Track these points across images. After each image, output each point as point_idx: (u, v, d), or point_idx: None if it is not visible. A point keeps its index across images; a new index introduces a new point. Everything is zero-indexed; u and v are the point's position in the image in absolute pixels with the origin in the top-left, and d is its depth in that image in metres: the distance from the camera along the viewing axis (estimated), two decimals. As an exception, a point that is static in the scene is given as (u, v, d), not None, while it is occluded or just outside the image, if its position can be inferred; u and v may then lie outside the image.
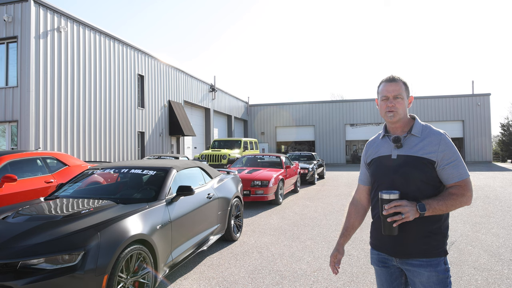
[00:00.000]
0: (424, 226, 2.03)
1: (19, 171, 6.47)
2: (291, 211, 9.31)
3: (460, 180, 2.01)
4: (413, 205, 1.94)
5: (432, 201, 1.97)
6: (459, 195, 1.99)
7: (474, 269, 4.86)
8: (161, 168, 5.16)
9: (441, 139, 2.07)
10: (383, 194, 1.99)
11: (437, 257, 2.04)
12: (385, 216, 1.97)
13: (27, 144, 13.19)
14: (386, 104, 2.15)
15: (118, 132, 18.08)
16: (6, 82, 14.07)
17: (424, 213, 1.95)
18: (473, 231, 6.93)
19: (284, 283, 4.44)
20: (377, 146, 2.30)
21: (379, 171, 2.22)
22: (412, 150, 2.09)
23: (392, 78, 2.17)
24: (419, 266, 2.04)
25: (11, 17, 13.62)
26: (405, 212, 1.92)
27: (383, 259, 2.21)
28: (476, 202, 10.40)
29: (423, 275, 2.04)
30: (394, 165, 2.13)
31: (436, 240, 2.04)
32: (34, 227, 3.37)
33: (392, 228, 1.97)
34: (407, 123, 2.18)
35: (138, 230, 3.68)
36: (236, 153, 19.23)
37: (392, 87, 2.14)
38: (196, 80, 27.08)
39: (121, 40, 18.50)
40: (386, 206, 1.95)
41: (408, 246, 2.06)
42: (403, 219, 1.93)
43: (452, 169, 2.02)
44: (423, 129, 2.14)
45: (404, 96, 2.14)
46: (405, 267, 2.11)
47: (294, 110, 36.17)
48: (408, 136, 2.14)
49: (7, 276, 2.90)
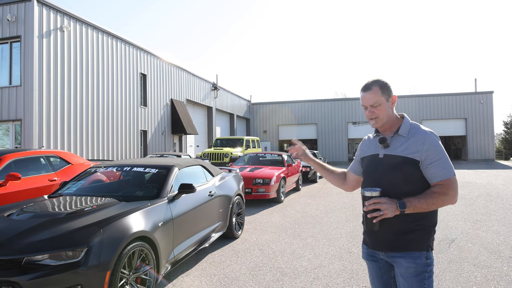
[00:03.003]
0: (405, 222, 2.07)
1: (23, 170, 6.54)
2: (292, 209, 9.35)
3: (443, 179, 2.04)
4: (393, 203, 2.01)
5: (413, 199, 2.01)
6: (441, 194, 2.02)
7: (473, 266, 4.89)
8: (163, 166, 5.21)
9: (425, 138, 2.09)
10: (365, 191, 2.08)
11: (417, 251, 2.08)
12: (366, 212, 2.08)
13: (30, 142, 13.28)
14: (366, 113, 2.23)
15: (120, 131, 18.16)
16: (9, 82, 14.16)
17: (404, 211, 1.99)
18: (473, 229, 6.95)
19: (285, 280, 4.48)
20: (369, 144, 2.37)
21: (368, 169, 2.30)
22: (398, 150, 2.14)
23: (367, 87, 2.20)
24: (400, 257, 2.11)
25: (14, 17, 13.70)
26: (383, 209, 2.00)
27: (371, 253, 2.28)
28: (478, 200, 10.41)
29: (402, 266, 2.10)
30: (380, 164, 2.20)
31: (418, 236, 2.08)
32: (38, 224, 3.43)
33: (372, 223, 2.06)
34: (395, 123, 2.23)
35: (140, 227, 3.74)
36: (238, 152, 19.27)
37: (367, 96, 2.18)
38: (198, 78, 27.13)
39: (124, 39, 18.56)
40: (366, 203, 2.06)
41: (389, 241, 2.12)
42: (381, 215, 2.01)
43: (435, 168, 2.04)
44: (411, 129, 2.17)
45: (382, 102, 2.16)
46: (390, 259, 2.17)
47: (296, 108, 36.17)
48: (395, 136, 2.19)
49: (12, 271, 2.96)
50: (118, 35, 18.12)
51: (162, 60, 22.23)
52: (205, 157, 18.80)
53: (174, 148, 23.62)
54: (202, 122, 28.61)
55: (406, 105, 33.21)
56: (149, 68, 20.86)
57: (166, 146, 22.40)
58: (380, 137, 2.22)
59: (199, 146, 27.59)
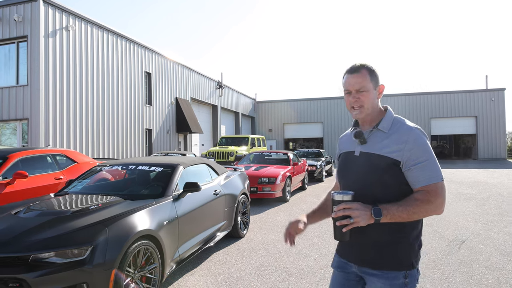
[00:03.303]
0: (384, 233, 1.78)
1: (30, 168, 6.58)
2: (298, 208, 9.33)
3: (428, 184, 1.73)
4: (367, 209, 1.69)
5: (391, 207, 1.70)
6: (425, 202, 1.71)
7: (485, 268, 4.80)
8: (168, 164, 5.21)
9: (409, 135, 1.77)
10: (335, 194, 1.75)
11: (396, 270, 1.78)
12: (334, 219, 1.75)
13: (37, 141, 13.37)
14: (349, 99, 1.88)
15: (126, 130, 18.22)
16: (16, 81, 14.26)
17: (379, 219, 1.69)
18: (485, 230, 6.83)
19: (291, 280, 4.46)
20: (346, 140, 2.07)
21: (341, 169, 2.02)
22: (376, 147, 1.83)
23: (354, 69, 1.86)
24: (373, 275, 1.83)
25: (21, 17, 13.79)
26: (354, 216, 1.68)
27: (343, 264, 2.00)
28: (489, 200, 10.30)
29: (376, 285, 1.82)
30: (355, 163, 1.91)
31: (399, 251, 1.79)
32: (45, 222, 3.45)
33: (342, 233, 1.73)
34: (377, 116, 1.90)
35: (146, 226, 3.74)
36: (243, 150, 19.27)
37: (354, 79, 1.84)
38: (203, 77, 27.15)
39: (128, 38, 18.62)
40: (335, 208, 1.73)
41: (362, 253, 1.86)
42: (352, 224, 1.69)
43: (419, 171, 1.74)
44: (393, 123, 1.86)
45: (369, 88, 1.83)
46: (362, 274, 1.90)
47: (302, 107, 36.10)
48: (374, 131, 1.88)
49: (19, 268, 2.99)
50: (123, 34, 18.18)
51: (166, 58, 22.27)
52: (210, 156, 18.82)
53: (179, 147, 23.67)
54: (207, 120, 28.64)
55: (414, 103, 32.98)
56: (154, 66, 20.90)
57: (171, 145, 22.45)
58: (356, 130, 1.92)
59: (204, 145, 27.63)
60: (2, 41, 14.46)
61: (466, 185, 13.63)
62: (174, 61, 23.13)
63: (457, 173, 18.64)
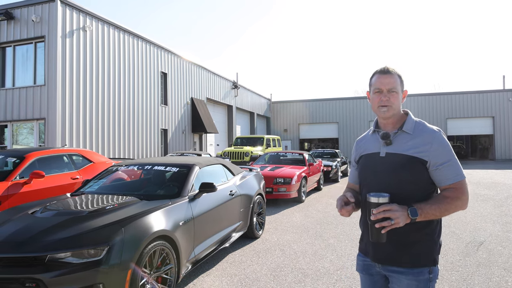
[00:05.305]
0: (412, 231, 1.86)
1: (46, 168, 6.64)
2: (314, 209, 9.24)
3: (455, 182, 1.85)
4: (404, 210, 1.76)
5: (424, 205, 1.79)
6: (454, 199, 1.83)
7: (504, 270, 4.69)
8: (184, 165, 5.19)
9: (434, 137, 1.89)
10: (371, 197, 1.79)
11: (422, 266, 1.88)
12: (373, 222, 1.78)
13: (54, 141, 13.54)
14: (380, 98, 1.96)
15: (141, 129, 18.35)
16: (34, 81, 14.47)
17: (415, 219, 1.77)
18: (503, 231, 6.69)
19: (307, 281, 4.40)
20: (366, 142, 2.14)
21: (366, 170, 2.07)
22: (402, 148, 1.92)
23: (386, 70, 1.98)
24: (400, 273, 1.91)
25: (39, 17, 13.99)
26: (395, 217, 1.74)
27: (367, 266, 2.07)
28: (507, 201, 10.07)
29: (401, 282, 1.90)
30: (382, 163, 1.97)
31: (425, 248, 1.89)
32: (61, 222, 3.45)
33: (380, 234, 1.78)
34: (399, 119, 2.01)
35: (161, 226, 3.71)
36: (258, 150, 19.22)
37: (387, 80, 1.95)
38: (218, 77, 27.21)
39: (144, 38, 18.74)
40: (374, 210, 1.76)
41: (390, 253, 1.91)
42: (393, 225, 1.75)
43: (446, 170, 1.86)
44: (416, 126, 1.97)
45: (399, 90, 1.96)
46: (387, 272, 1.98)
47: (317, 107, 35.91)
48: (399, 133, 1.97)
49: (36, 268, 2.99)
50: (139, 34, 18.31)
51: (182, 58, 22.36)
52: (226, 156, 18.83)
53: (195, 147, 23.76)
54: (222, 120, 28.68)
55: (430, 103, 32.55)
56: (170, 66, 21.01)
57: (186, 145, 22.54)
58: (383, 132, 1.99)
59: (219, 145, 27.68)
60: (20, 42, 14.69)
61: (483, 186, 13.34)
62: (189, 61, 23.22)
63: (474, 174, 18.28)
